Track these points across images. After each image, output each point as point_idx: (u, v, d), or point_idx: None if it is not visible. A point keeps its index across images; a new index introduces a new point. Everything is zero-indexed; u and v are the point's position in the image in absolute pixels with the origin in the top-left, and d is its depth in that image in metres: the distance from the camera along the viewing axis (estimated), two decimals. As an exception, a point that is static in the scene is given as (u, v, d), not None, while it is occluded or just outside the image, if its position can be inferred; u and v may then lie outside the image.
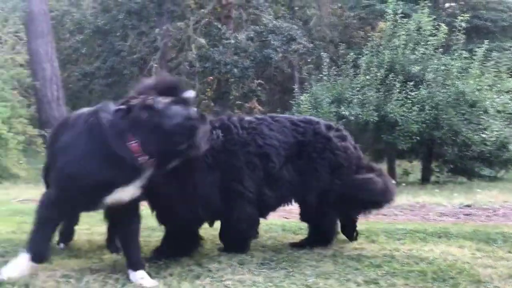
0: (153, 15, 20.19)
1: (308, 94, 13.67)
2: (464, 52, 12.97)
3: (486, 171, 14.13)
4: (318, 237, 4.16)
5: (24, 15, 16.38)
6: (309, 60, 22.23)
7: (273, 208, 4.13)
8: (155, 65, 20.23)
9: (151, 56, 20.76)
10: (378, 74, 12.51)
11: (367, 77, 12.76)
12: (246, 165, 3.73)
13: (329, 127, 4.13)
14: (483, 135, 12.12)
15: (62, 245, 4.03)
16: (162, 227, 3.93)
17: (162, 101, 3.04)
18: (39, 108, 16.88)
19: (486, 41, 13.69)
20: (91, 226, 5.00)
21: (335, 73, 14.00)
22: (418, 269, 3.49)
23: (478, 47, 13.14)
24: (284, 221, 5.74)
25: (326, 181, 3.95)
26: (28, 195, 7.98)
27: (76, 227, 4.79)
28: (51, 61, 16.81)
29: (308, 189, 3.95)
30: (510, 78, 13.41)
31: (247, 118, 3.99)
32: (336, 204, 4.02)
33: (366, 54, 13.43)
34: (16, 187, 10.36)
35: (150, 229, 4.95)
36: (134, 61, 21.17)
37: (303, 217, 4.24)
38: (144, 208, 6.64)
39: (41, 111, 16.65)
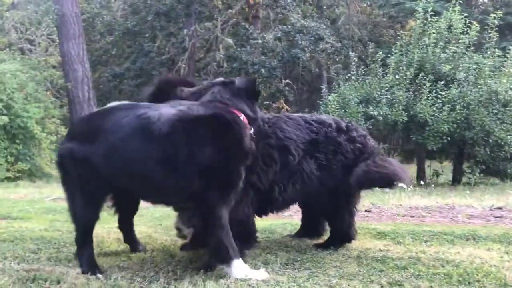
0: (181, 16, 20.42)
1: (336, 94, 13.58)
2: (497, 50, 12.64)
3: (519, 172, 13.79)
4: (338, 235, 4.22)
5: (56, 18, 16.82)
6: (337, 60, 22.07)
7: (291, 201, 4.18)
8: (183, 65, 20.47)
9: (179, 57, 21.01)
10: (408, 73, 12.31)
11: (396, 76, 12.57)
12: (262, 157, 3.72)
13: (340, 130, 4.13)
14: (517, 135, 11.81)
15: None
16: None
17: None
18: (71, 109, 17.30)
19: (520, 39, 13.33)
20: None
21: (364, 72, 13.85)
22: (444, 272, 3.45)
23: (512, 45, 12.82)
24: (310, 221, 5.74)
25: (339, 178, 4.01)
26: (59, 193, 8.20)
27: (106, 226, 4.94)
28: (83, 63, 17.20)
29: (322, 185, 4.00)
30: (545, 77, 13.00)
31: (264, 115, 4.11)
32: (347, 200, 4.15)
33: (395, 53, 13.24)
34: (48, 186, 10.65)
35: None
36: (163, 62, 21.48)
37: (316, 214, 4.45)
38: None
39: (73, 112, 17.06)
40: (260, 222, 5.39)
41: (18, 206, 6.27)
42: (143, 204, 6.98)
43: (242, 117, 3.43)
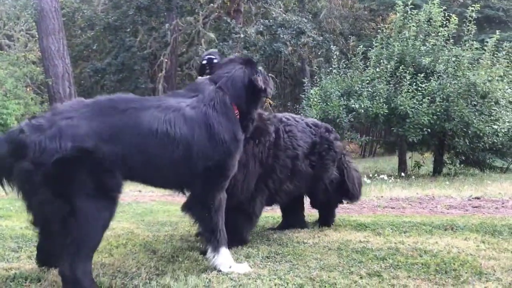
0: (162, 10, 20.27)
1: (318, 88, 13.65)
2: (475, 42, 12.79)
3: (498, 163, 14.04)
4: (326, 221, 4.91)
5: (35, 12, 16.56)
6: (319, 53, 22.17)
7: (290, 198, 4.53)
8: (166, 60, 20.36)
9: (161, 51, 20.88)
10: (388, 66, 12.42)
11: (377, 69, 12.68)
12: (280, 166, 4.19)
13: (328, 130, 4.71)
14: (495, 126, 11.97)
15: None
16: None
17: None
18: (51, 105, 17.10)
19: (497, 31, 13.51)
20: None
21: (345, 66, 13.93)
22: (422, 262, 3.53)
23: (490, 38, 12.97)
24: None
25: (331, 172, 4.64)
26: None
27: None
28: (63, 58, 16.98)
29: (318, 180, 4.56)
30: (522, 69, 13.24)
31: (282, 118, 4.45)
32: (337, 191, 4.76)
33: (376, 46, 13.34)
34: (30, 183, 10.53)
35: (160, 223, 5.06)
36: (145, 56, 21.32)
37: (314, 205, 4.99)
38: (155, 203, 6.75)
39: (54, 108, 16.87)
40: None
41: (-2, 205, 6.21)
42: (125, 199, 6.98)
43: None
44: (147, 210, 6.01)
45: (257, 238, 4.29)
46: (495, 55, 12.76)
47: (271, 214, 5.72)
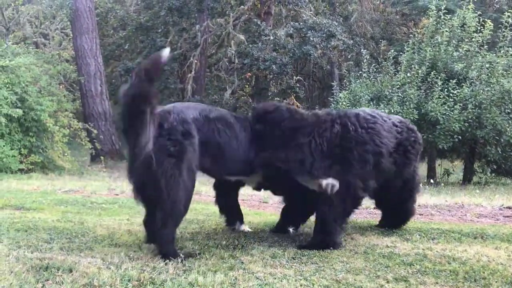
0: (193, 11, 20.49)
1: (347, 91, 13.59)
2: (510, 49, 12.53)
3: (532, 172, 13.67)
4: (397, 220, 4.94)
5: (70, 12, 16.99)
6: (348, 57, 22.02)
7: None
8: (195, 61, 20.55)
9: (191, 52, 21.09)
10: (419, 71, 12.26)
11: (408, 74, 12.54)
12: (358, 161, 4.12)
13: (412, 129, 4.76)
14: (529, 135, 11.70)
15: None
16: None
17: None
18: (83, 103, 17.48)
19: (534, 38, 13.18)
20: (131, 217, 5.21)
21: (375, 70, 13.83)
22: (450, 269, 3.48)
23: (526, 44, 12.69)
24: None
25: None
26: (71, 186, 8.33)
27: (117, 218, 5.04)
28: (96, 57, 17.34)
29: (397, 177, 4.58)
30: (558, 76, 12.86)
31: (363, 115, 4.37)
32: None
33: (407, 51, 13.20)
34: (61, 178, 10.78)
35: (187, 221, 5.12)
36: (175, 57, 21.57)
37: (380, 204, 5.06)
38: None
39: (86, 105, 17.23)
40: (269, 218, 5.46)
41: (31, 197, 6.37)
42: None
43: None
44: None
45: (284, 239, 4.29)
46: (531, 62, 12.45)
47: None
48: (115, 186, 8.62)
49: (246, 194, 8.20)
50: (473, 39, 12.58)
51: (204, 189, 8.98)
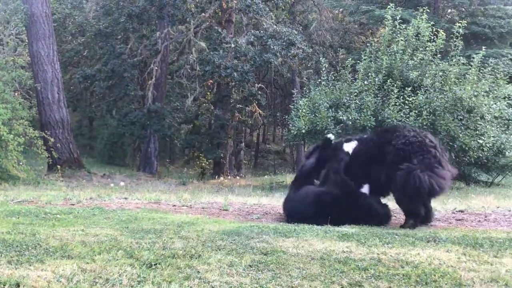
0: (154, 18, 20.36)
1: (306, 99, 13.75)
2: (462, 58, 13.01)
3: (483, 177, 14.19)
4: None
5: (25, 17, 16.49)
6: (308, 65, 22.34)
7: None
8: (156, 67, 20.38)
9: (152, 59, 20.92)
10: (376, 79, 12.56)
11: (365, 82, 12.82)
12: None
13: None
14: (480, 141, 12.12)
15: None
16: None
17: None
18: (40, 110, 16.98)
19: (483, 47, 13.74)
20: (86, 227, 5.08)
21: (334, 78, 14.06)
22: (403, 273, 3.56)
23: (476, 53, 13.19)
24: (277, 224, 5.82)
25: None
26: (25, 196, 8.07)
27: (72, 229, 4.92)
28: (53, 63, 16.89)
29: None
30: (507, 85, 13.44)
31: None
32: None
33: (365, 60, 13.49)
34: (15, 189, 10.45)
35: (144, 231, 5.04)
36: (135, 64, 21.34)
37: None
38: (141, 210, 6.68)
39: (42, 113, 16.74)
40: (228, 225, 5.45)
41: (-19, 209, 6.14)
42: (111, 206, 6.95)
43: None
44: (132, 217, 5.98)
45: (241, 247, 4.29)
46: (481, 70, 12.96)
47: (256, 224, 5.74)
48: (72, 195, 8.41)
49: (207, 202, 8.17)
50: (427, 48, 12.99)
51: (164, 197, 8.90)
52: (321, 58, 15.71)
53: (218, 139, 21.65)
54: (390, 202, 6.29)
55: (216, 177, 20.61)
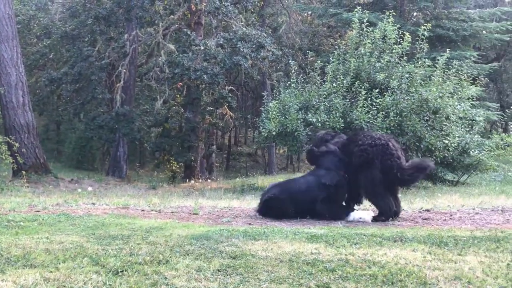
0: (121, 20, 20.11)
1: (276, 101, 13.81)
2: (427, 60, 13.31)
3: (449, 176, 14.54)
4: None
5: (-13, 19, 16.03)
6: (278, 68, 22.46)
7: None
8: (124, 70, 20.11)
9: (120, 62, 20.63)
10: (344, 81, 12.73)
11: (334, 84, 12.97)
12: None
13: None
14: (446, 141, 12.43)
15: None
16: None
17: None
18: (3, 114, 16.50)
19: (448, 50, 14.10)
20: (51, 235, 4.96)
21: (303, 80, 14.18)
22: (370, 273, 3.60)
23: (441, 56, 13.52)
24: (247, 227, 5.81)
25: None
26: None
27: (35, 236, 4.79)
28: (17, 66, 16.44)
29: None
30: (471, 86, 13.84)
31: None
32: None
33: (333, 62, 13.65)
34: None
35: (111, 237, 4.94)
36: (103, 66, 21.00)
37: None
38: (108, 216, 6.57)
39: (6, 117, 16.28)
40: (197, 229, 5.41)
41: None
42: (77, 212, 6.80)
43: None
44: (99, 223, 5.86)
45: (210, 252, 4.26)
46: (446, 72, 13.29)
47: (226, 227, 5.71)
48: (37, 202, 8.20)
49: (176, 206, 8.10)
50: (394, 51, 13.24)
51: (133, 202, 8.78)
52: (290, 61, 15.81)
53: (189, 142, 21.51)
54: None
55: (187, 180, 20.47)
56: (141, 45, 21.92)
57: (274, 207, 6.47)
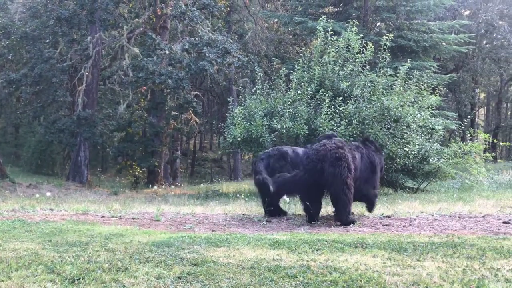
0: (85, 22, 19.68)
1: (242, 107, 13.81)
2: (389, 69, 13.59)
3: (410, 183, 14.85)
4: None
5: None
6: (244, 74, 22.50)
7: None
8: (87, 73, 19.70)
9: (83, 64, 20.20)
10: (309, 89, 12.85)
11: (298, 91, 13.07)
12: None
13: None
14: (406, 149, 12.70)
15: None
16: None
17: None
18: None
19: (409, 60, 14.46)
20: (4, 242, 4.77)
21: (269, 87, 14.23)
22: (331, 279, 3.62)
23: (402, 66, 13.83)
24: (210, 233, 5.75)
25: None
26: None
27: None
28: (-28, 67, 15.87)
29: None
30: (430, 96, 14.21)
31: None
32: None
33: (298, 70, 13.77)
34: None
35: (68, 244, 4.81)
36: (64, 68, 20.51)
37: None
38: (67, 222, 6.39)
39: (-40, 120, 15.66)
40: (158, 236, 5.32)
41: None
42: (34, 218, 6.58)
43: None
44: (56, 229, 5.69)
45: (171, 259, 4.19)
46: (407, 82, 13.61)
47: (188, 234, 5.65)
48: (-9, 208, 7.90)
49: (138, 212, 7.95)
50: (357, 60, 13.47)
51: (93, 208, 8.57)
52: (256, 67, 15.85)
53: (152, 147, 21.22)
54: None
55: (150, 186, 20.16)
56: (105, 48, 21.54)
57: None
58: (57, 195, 14.56)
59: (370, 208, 7.41)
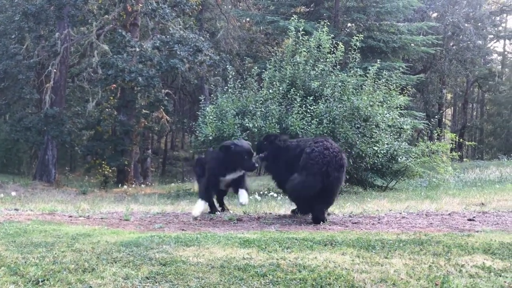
0: (52, 18, 19.22)
1: (213, 106, 13.76)
2: (359, 69, 13.78)
3: (379, 181, 15.11)
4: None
5: None
6: (216, 72, 22.42)
7: None
8: (54, 70, 19.27)
9: (50, 61, 19.75)
10: (280, 88, 12.91)
11: (270, 91, 13.12)
12: None
13: None
14: (375, 148, 12.91)
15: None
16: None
17: None
18: None
19: (378, 60, 14.69)
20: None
21: (240, 86, 14.23)
22: (300, 277, 3.63)
23: (372, 66, 14.06)
24: (180, 233, 5.70)
25: None
26: None
27: None
28: None
29: None
30: (399, 96, 14.48)
31: None
32: None
33: (270, 69, 13.82)
34: None
35: (33, 244, 4.69)
36: (31, 65, 20.00)
37: None
38: (32, 222, 6.25)
39: None
40: (127, 236, 5.24)
41: None
42: (-3, 219, 6.39)
43: None
44: (21, 230, 5.53)
45: (139, 259, 4.13)
46: (376, 82, 13.82)
47: (157, 233, 5.59)
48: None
49: (106, 212, 7.82)
50: (328, 60, 13.61)
51: (60, 208, 8.38)
52: (228, 66, 15.83)
53: (122, 146, 20.92)
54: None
55: (120, 185, 19.87)
56: (74, 44, 21.12)
57: None
58: (23, 194, 14.20)
59: None
